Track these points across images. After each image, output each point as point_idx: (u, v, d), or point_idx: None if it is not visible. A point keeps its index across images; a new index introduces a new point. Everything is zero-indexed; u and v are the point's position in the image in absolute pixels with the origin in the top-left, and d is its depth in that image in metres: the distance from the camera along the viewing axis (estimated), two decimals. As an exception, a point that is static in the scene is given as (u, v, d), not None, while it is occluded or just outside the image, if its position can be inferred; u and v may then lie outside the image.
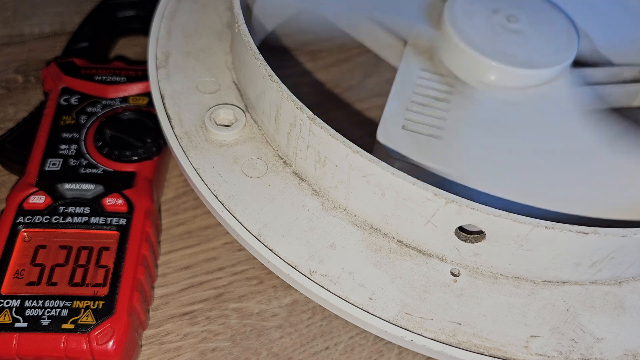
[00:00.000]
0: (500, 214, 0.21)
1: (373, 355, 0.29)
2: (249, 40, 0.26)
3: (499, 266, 0.24)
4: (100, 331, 0.25)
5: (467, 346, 0.22)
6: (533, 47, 0.31)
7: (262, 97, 0.27)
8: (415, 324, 0.23)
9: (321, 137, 0.24)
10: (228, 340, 0.29)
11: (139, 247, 0.28)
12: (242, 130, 0.28)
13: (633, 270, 0.24)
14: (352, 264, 0.24)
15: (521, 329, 0.23)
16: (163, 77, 0.30)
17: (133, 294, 0.27)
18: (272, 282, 0.31)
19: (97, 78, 0.35)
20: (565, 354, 0.22)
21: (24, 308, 0.26)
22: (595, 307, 0.24)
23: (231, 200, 0.26)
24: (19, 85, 0.40)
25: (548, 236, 0.22)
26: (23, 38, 0.43)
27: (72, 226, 0.28)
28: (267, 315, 0.30)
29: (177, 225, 0.33)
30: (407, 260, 0.24)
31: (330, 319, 0.30)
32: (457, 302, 0.23)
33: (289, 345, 0.29)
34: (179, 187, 0.35)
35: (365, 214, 0.25)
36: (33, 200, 0.29)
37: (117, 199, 0.29)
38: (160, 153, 0.32)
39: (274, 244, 0.24)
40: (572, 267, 0.23)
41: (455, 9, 0.32)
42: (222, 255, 0.32)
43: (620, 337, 0.23)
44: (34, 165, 0.31)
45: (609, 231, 0.22)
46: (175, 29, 0.33)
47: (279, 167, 0.27)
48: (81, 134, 0.32)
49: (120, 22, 0.41)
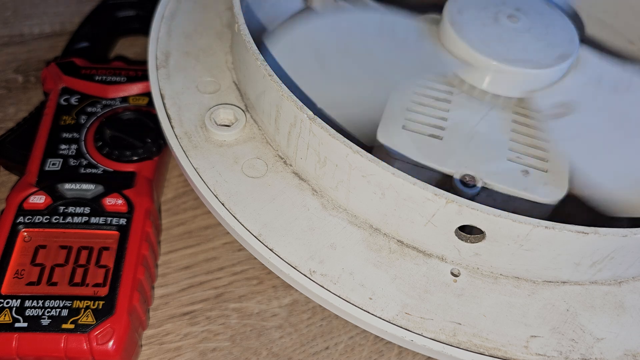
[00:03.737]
0: (501, 214, 0.21)
1: (373, 355, 0.29)
2: (249, 40, 0.26)
3: (499, 266, 0.24)
4: (100, 331, 0.25)
5: (467, 346, 0.22)
6: (533, 47, 0.31)
7: (262, 97, 0.27)
8: (415, 324, 0.23)
9: (321, 137, 0.24)
10: (228, 340, 0.29)
11: (139, 247, 0.28)
12: (242, 130, 0.28)
13: (633, 270, 0.24)
14: (352, 264, 0.24)
15: (521, 329, 0.23)
16: (163, 77, 0.30)
17: (133, 294, 0.27)
18: (272, 282, 0.31)
19: (97, 78, 0.35)
20: (565, 354, 0.22)
21: (24, 308, 0.26)
22: (595, 307, 0.24)
23: (231, 200, 0.26)
24: (19, 85, 0.40)
25: (548, 236, 0.22)
26: (23, 38, 0.43)
27: (72, 226, 0.28)
28: (267, 315, 0.30)
29: (177, 225, 0.33)
30: (407, 260, 0.24)
31: (330, 319, 0.30)
32: (457, 302, 0.23)
33: (289, 345, 0.29)
34: (179, 187, 0.35)
35: (365, 214, 0.25)
36: (33, 200, 0.29)
37: (117, 199, 0.29)
38: (160, 153, 0.32)
39: (274, 244, 0.24)
40: (572, 267, 0.23)
41: (456, 8, 0.32)
42: (222, 255, 0.32)
43: (620, 337, 0.23)
44: (34, 165, 0.31)
45: (609, 231, 0.22)
46: (175, 29, 0.33)
47: (279, 167, 0.27)
48: (81, 134, 0.32)
49: (120, 22, 0.41)
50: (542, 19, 0.33)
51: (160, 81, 0.30)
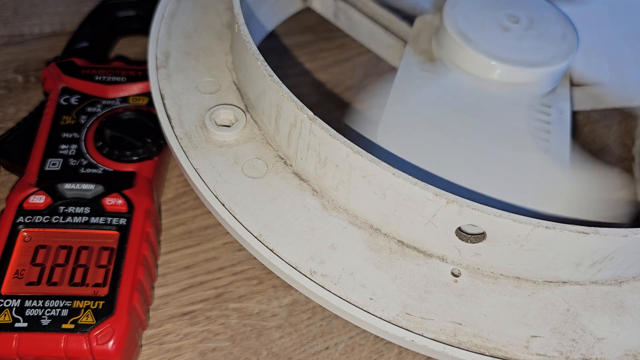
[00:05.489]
0: (501, 214, 0.21)
1: (373, 355, 0.29)
2: (249, 40, 0.26)
3: (499, 266, 0.24)
4: (100, 331, 0.25)
5: (467, 346, 0.22)
6: (532, 47, 0.31)
7: (263, 98, 0.27)
8: (416, 324, 0.23)
9: (322, 138, 0.24)
10: (228, 340, 0.29)
11: (139, 247, 0.28)
12: (243, 130, 0.28)
13: (633, 270, 0.24)
14: (352, 264, 0.24)
15: (522, 329, 0.23)
16: (163, 78, 0.30)
17: (133, 294, 0.27)
18: (272, 282, 0.31)
19: (97, 78, 0.35)
20: (565, 354, 0.22)
21: (24, 308, 0.26)
22: (596, 307, 0.24)
23: (232, 201, 0.26)
24: (19, 85, 0.40)
25: (548, 236, 0.22)
26: (23, 38, 0.43)
27: (72, 226, 0.28)
28: (267, 315, 0.30)
29: (177, 225, 0.33)
30: (408, 261, 0.24)
31: (330, 319, 0.30)
32: (458, 302, 0.23)
33: (289, 345, 0.29)
34: (179, 187, 0.35)
35: (365, 214, 0.25)
36: (33, 200, 0.29)
37: (117, 199, 0.29)
38: (160, 153, 0.32)
39: (274, 245, 0.24)
40: (573, 267, 0.23)
41: (456, 8, 0.32)
42: (222, 255, 0.32)
43: (621, 337, 0.23)
44: (34, 165, 0.31)
45: (609, 231, 0.22)
46: (175, 29, 0.33)
47: (279, 167, 0.27)
48: (81, 134, 0.32)
49: (120, 22, 0.41)
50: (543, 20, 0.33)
51: (160, 81, 0.30)
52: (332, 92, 0.41)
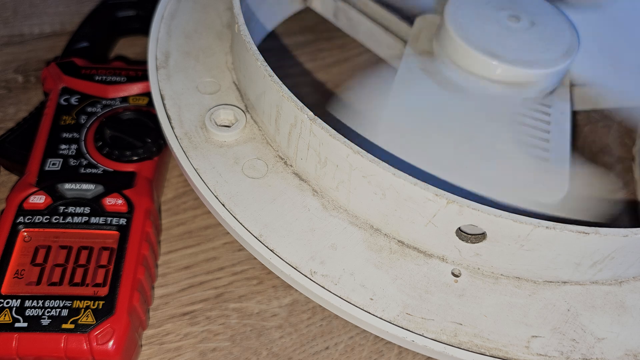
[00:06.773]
0: (501, 214, 0.21)
1: (373, 355, 0.29)
2: (249, 40, 0.26)
3: (499, 266, 0.24)
4: (100, 331, 0.25)
5: (468, 346, 0.22)
6: (533, 47, 0.31)
7: (263, 98, 0.27)
8: (416, 324, 0.23)
9: (322, 138, 0.24)
10: (228, 340, 0.29)
11: (139, 247, 0.28)
12: (243, 130, 0.28)
13: (634, 270, 0.24)
14: (353, 264, 0.24)
15: (522, 329, 0.23)
16: (163, 78, 0.30)
17: (133, 294, 0.27)
18: (272, 282, 0.31)
19: (97, 78, 0.35)
20: (566, 354, 0.22)
21: (24, 308, 0.26)
22: (596, 307, 0.24)
23: (232, 201, 0.26)
24: (19, 85, 0.39)
25: (549, 236, 0.22)
26: (23, 38, 0.43)
27: (72, 226, 0.28)
28: (267, 315, 0.30)
29: (177, 225, 0.33)
30: (408, 261, 0.24)
31: (330, 319, 0.30)
32: (458, 302, 0.23)
33: (289, 345, 0.29)
34: (179, 187, 0.35)
35: (366, 215, 0.25)
36: (33, 200, 0.29)
37: (117, 199, 0.29)
38: (160, 153, 0.32)
39: (274, 245, 0.24)
40: (573, 267, 0.23)
41: (458, 8, 0.32)
42: (222, 255, 0.32)
43: (621, 337, 0.23)
44: (34, 165, 0.31)
45: (609, 231, 0.22)
46: (175, 29, 0.33)
47: (279, 167, 0.27)
48: (81, 134, 0.32)
49: (120, 22, 0.41)
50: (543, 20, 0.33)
51: (160, 81, 0.30)
52: (332, 92, 0.41)
